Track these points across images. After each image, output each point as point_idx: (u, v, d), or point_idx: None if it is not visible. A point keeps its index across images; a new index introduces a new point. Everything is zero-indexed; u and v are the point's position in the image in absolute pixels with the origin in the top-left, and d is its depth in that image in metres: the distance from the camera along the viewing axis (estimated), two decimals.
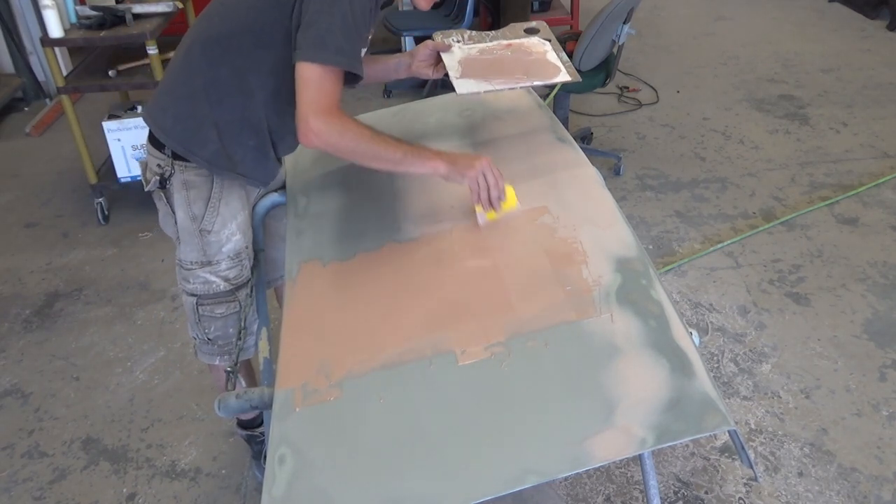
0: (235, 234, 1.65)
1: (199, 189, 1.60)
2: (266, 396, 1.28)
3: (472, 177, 1.45)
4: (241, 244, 1.67)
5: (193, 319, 1.73)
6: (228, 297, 1.69)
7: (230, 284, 1.68)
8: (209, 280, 1.66)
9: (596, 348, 1.20)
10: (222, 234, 1.63)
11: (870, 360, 2.38)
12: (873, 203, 3.20)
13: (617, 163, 3.53)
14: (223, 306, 1.70)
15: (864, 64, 4.61)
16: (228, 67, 1.51)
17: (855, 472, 2.02)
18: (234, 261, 1.67)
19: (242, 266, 1.69)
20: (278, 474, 1.08)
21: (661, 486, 1.99)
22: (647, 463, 1.24)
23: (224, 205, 1.62)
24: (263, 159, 1.62)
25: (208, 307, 1.70)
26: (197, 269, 1.66)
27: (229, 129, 1.55)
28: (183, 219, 1.62)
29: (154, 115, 1.60)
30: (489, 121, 1.86)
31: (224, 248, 1.65)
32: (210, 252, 1.64)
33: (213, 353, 1.78)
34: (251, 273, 1.73)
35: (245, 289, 1.71)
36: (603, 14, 2.94)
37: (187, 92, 1.55)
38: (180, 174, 1.58)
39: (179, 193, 1.60)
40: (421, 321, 1.30)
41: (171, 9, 3.10)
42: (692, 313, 2.62)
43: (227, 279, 1.67)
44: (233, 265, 1.67)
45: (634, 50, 4.85)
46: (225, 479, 2.09)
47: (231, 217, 1.63)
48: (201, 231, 1.62)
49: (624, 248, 1.40)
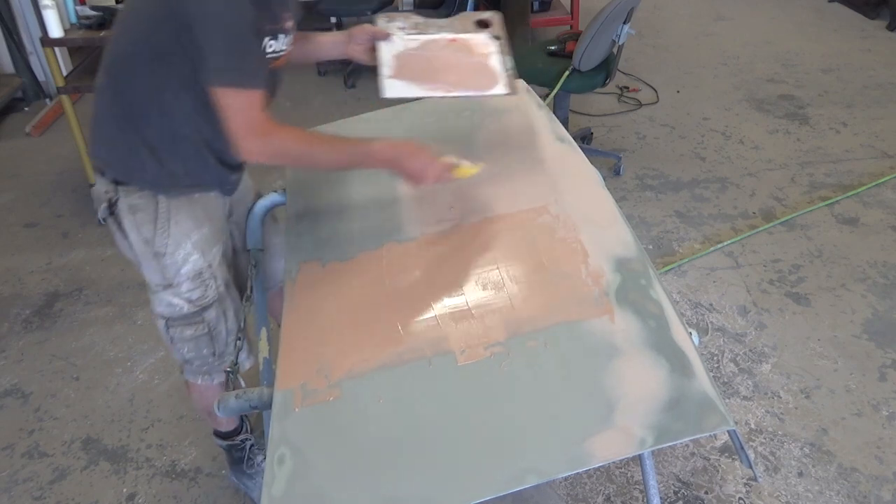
0: (193, 255, 1.59)
1: (145, 212, 1.54)
2: (265, 396, 1.28)
3: (425, 184, 1.49)
4: (201, 264, 1.61)
5: (167, 342, 1.70)
6: (195, 319, 1.64)
7: (194, 306, 1.62)
8: (173, 302, 1.61)
9: (596, 348, 1.20)
10: (178, 256, 1.57)
11: (870, 360, 2.38)
12: (873, 203, 3.20)
13: (617, 163, 3.53)
14: (191, 328, 1.65)
15: (864, 64, 4.61)
16: (139, 89, 1.44)
17: (855, 472, 2.02)
18: (195, 282, 1.60)
19: (206, 286, 1.62)
20: (278, 474, 1.08)
21: (661, 486, 1.99)
22: (647, 463, 1.24)
23: (174, 224, 1.56)
24: (210, 168, 1.57)
25: (177, 329, 1.65)
26: (161, 292, 1.61)
27: (163, 148, 1.49)
28: (136, 242, 1.57)
29: (90, 145, 1.57)
30: (489, 121, 1.85)
31: (182, 270, 1.58)
32: (169, 274, 1.59)
33: (195, 372, 1.75)
34: (235, 287, 1.69)
35: (212, 309, 1.65)
36: (603, 14, 2.93)
37: (110, 118, 1.50)
38: (125, 198, 1.53)
39: (127, 218, 1.55)
40: (420, 321, 1.30)
41: None
42: (692, 313, 2.62)
43: (191, 301, 1.61)
44: (194, 286, 1.61)
45: (634, 50, 4.85)
46: (225, 479, 2.09)
47: (184, 237, 1.57)
48: (156, 254, 1.57)
49: (623, 248, 1.40)
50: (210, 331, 1.66)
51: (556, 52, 3.33)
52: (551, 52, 3.34)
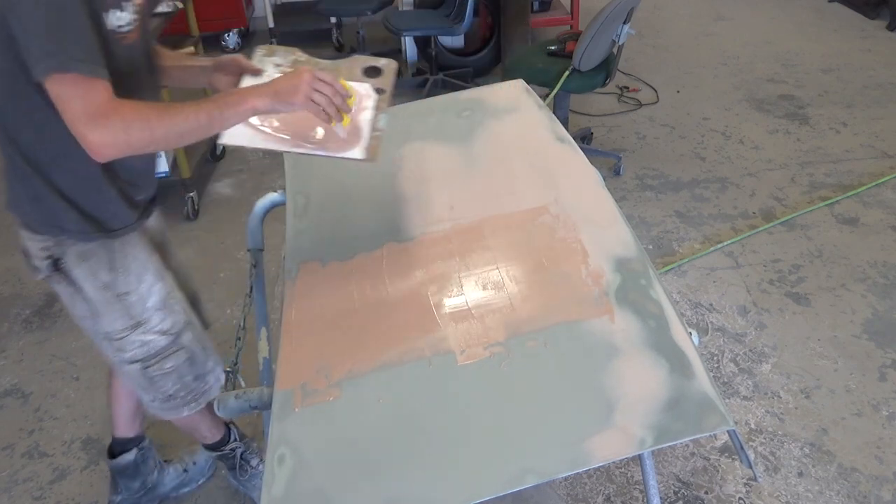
0: (155, 283, 1.52)
1: (98, 256, 1.45)
2: (265, 396, 1.28)
3: (304, 100, 1.25)
4: (165, 290, 1.55)
5: (144, 385, 1.59)
6: (173, 348, 1.57)
7: (169, 335, 1.56)
8: (146, 341, 1.53)
9: (595, 348, 1.20)
10: (142, 290, 1.50)
11: (870, 360, 2.38)
12: (873, 203, 3.20)
13: (617, 163, 3.53)
14: (171, 360, 1.57)
15: (864, 64, 4.61)
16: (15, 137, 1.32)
17: (855, 472, 2.02)
18: (164, 311, 1.54)
19: (174, 311, 1.56)
20: (277, 474, 1.08)
21: (661, 486, 1.99)
22: (647, 463, 1.24)
23: (132, 260, 1.48)
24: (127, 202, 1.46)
25: (156, 366, 1.56)
26: (129, 335, 1.52)
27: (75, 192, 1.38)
28: (93, 291, 1.47)
29: (9, 203, 1.44)
30: (489, 121, 1.85)
31: (149, 304, 1.52)
32: (136, 312, 1.51)
33: (179, 406, 1.65)
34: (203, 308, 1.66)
35: (187, 332, 1.59)
36: (603, 14, 2.93)
37: (13, 173, 1.38)
38: (72, 248, 1.43)
39: (79, 268, 1.45)
40: (420, 321, 1.30)
41: (171, 9, 3.09)
42: (692, 313, 2.61)
43: (164, 332, 1.55)
44: (164, 315, 1.54)
45: (634, 50, 4.85)
46: (225, 478, 2.09)
47: (143, 269, 1.50)
48: (118, 296, 1.48)
49: (623, 248, 1.40)
50: (190, 355, 1.60)
51: (556, 52, 3.33)
52: (551, 52, 3.34)
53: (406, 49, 4.76)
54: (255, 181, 3.65)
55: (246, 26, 5.37)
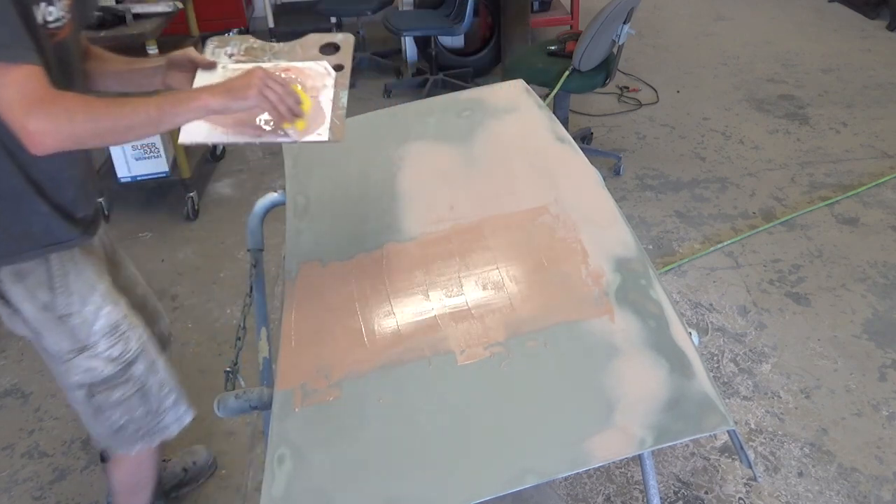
0: (104, 307, 1.43)
1: (35, 274, 1.36)
2: (265, 396, 1.28)
3: (256, 96, 1.20)
4: (116, 315, 1.45)
5: (90, 414, 1.50)
6: (121, 378, 1.47)
7: (118, 364, 1.46)
8: (91, 367, 1.44)
9: (595, 348, 1.20)
10: (86, 313, 1.41)
11: (870, 360, 2.38)
12: (873, 203, 3.20)
13: (617, 163, 3.53)
14: (118, 390, 1.48)
15: (864, 64, 4.61)
16: None
17: (855, 472, 2.02)
18: (112, 337, 1.44)
19: (126, 339, 1.47)
20: (277, 474, 1.08)
21: (661, 486, 1.99)
22: (647, 463, 1.24)
23: (74, 279, 1.39)
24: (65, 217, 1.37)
25: (102, 395, 1.47)
26: (74, 358, 1.43)
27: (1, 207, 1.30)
28: (32, 312, 1.38)
29: None
30: (489, 121, 1.85)
31: (96, 327, 1.42)
32: (81, 336, 1.41)
33: (132, 441, 1.55)
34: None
35: (139, 363, 1.49)
36: (603, 14, 2.93)
37: None
38: (6, 267, 1.35)
39: (14, 287, 1.36)
40: (420, 321, 1.30)
41: (171, 9, 3.10)
42: (692, 313, 2.61)
43: (112, 359, 1.45)
44: (113, 342, 1.45)
45: (634, 50, 4.85)
46: (225, 478, 2.09)
47: (89, 290, 1.41)
48: (60, 318, 1.39)
49: (623, 248, 1.40)
50: (141, 387, 1.51)
51: (556, 52, 3.33)
52: (551, 52, 3.34)
53: (406, 49, 4.76)
54: (255, 181, 3.65)
55: (246, 26, 5.37)
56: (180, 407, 1.60)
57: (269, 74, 1.22)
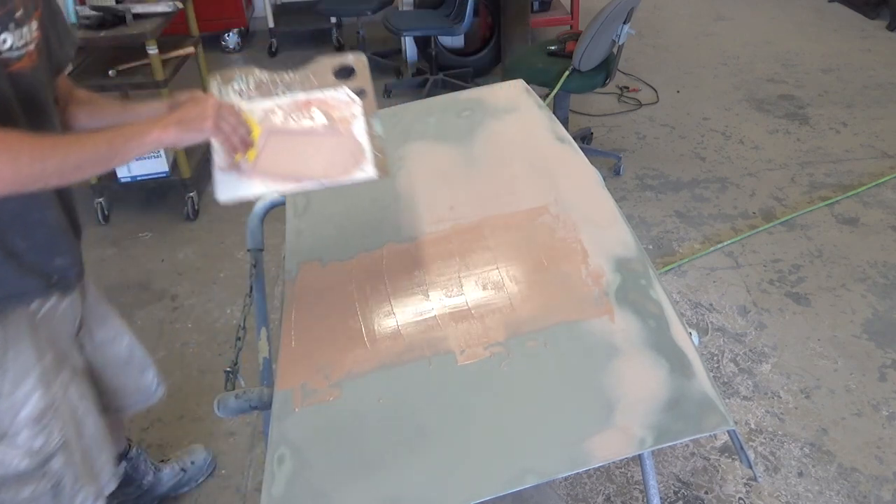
0: (35, 392, 1.27)
1: None
2: (265, 396, 1.28)
3: (212, 129, 1.15)
4: (45, 402, 1.29)
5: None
6: (36, 475, 1.30)
7: (36, 457, 1.29)
8: (4, 458, 1.27)
9: (595, 348, 1.20)
10: (16, 397, 1.25)
11: (870, 360, 2.38)
12: (873, 203, 3.20)
13: (617, 163, 3.53)
14: (29, 487, 1.30)
15: (864, 64, 4.61)
16: None
17: (855, 472, 2.02)
18: (36, 426, 1.28)
19: (50, 430, 1.30)
20: (277, 474, 1.08)
21: (661, 486, 1.99)
22: (647, 463, 1.24)
23: (13, 358, 1.24)
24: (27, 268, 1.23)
25: (10, 492, 1.29)
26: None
27: None
28: None
29: None
30: (489, 121, 1.85)
31: (21, 415, 1.26)
32: (3, 423, 1.26)
33: None
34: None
35: (59, 456, 1.32)
36: (603, 14, 2.94)
37: None
38: None
39: None
40: (420, 321, 1.30)
41: (171, 9, 3.10)
42: (692, 313, 2.61)
43: (31, 451, 1.28)
44: (36, 432, 1.28)
45: (634, 50, 4.85)
46: (225, 478, 2.09)
47: (25, 371, 1.26)
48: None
49: (623, 248, 1.40)
50: (56, 484, 1.33)
51: (556, 52, 3.33)
52: (551, 52, 3.35)
53: (406, 49, 4.76)
54: None
55: (246, 26, 5.38)
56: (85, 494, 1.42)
57: (221, 103, 1.18)
